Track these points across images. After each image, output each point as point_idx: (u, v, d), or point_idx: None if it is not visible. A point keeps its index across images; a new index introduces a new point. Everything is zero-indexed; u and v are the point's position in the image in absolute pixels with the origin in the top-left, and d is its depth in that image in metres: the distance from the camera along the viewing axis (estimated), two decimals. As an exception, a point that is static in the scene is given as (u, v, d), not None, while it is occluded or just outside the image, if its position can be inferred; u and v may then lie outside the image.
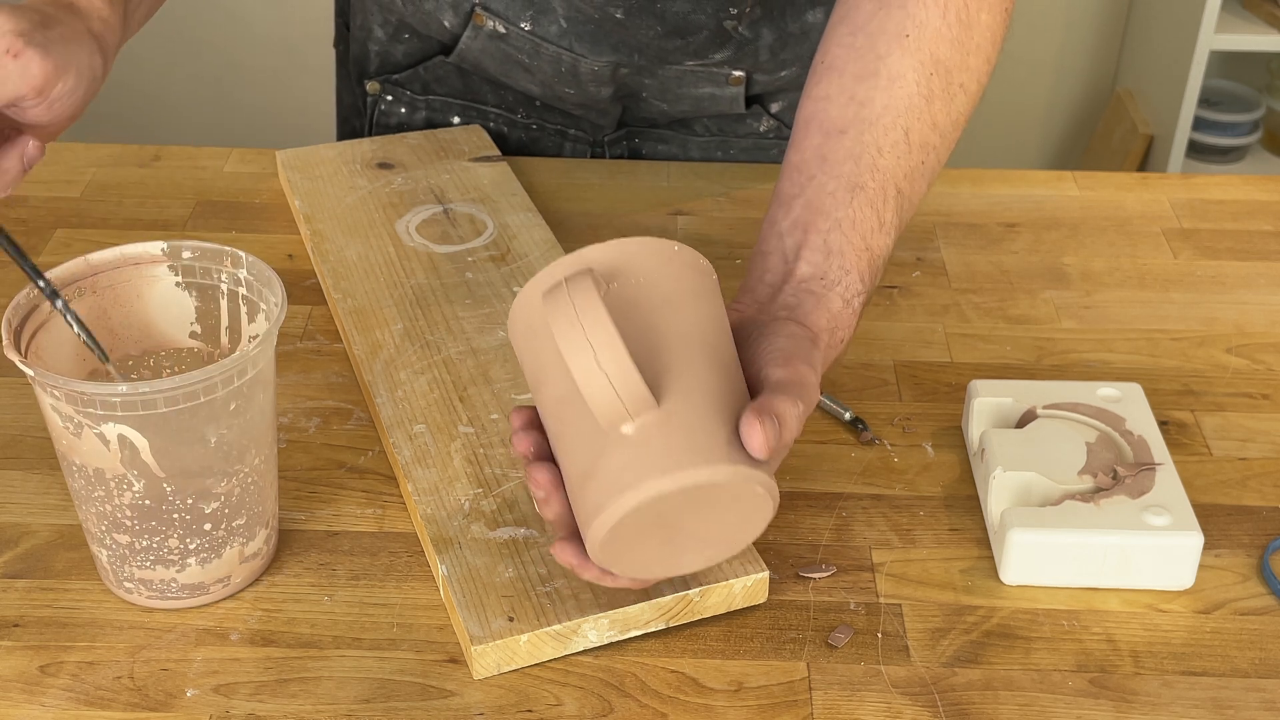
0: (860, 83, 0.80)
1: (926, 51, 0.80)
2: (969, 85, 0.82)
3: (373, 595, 0.75)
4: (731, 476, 0.62)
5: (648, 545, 0.65)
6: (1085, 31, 2.62)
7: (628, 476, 0.62)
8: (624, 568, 0.66)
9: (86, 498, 0.71)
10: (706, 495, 0.63)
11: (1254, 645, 0.73)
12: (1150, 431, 0.81)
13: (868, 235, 0.76)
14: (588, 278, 0.62)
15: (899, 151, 0.78)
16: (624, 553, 0.65)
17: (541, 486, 0.67)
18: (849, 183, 0.77)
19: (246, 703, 0.69)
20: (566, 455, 0.65)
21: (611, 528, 0.63)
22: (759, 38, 1.07)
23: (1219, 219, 1.09)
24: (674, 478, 0.61)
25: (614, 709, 0.69)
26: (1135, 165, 2.44)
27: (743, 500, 0.64)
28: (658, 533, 0.65)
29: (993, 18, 0.82)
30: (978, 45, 0.81)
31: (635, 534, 0.64)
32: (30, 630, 0.72)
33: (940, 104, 0.80)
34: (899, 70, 0.79)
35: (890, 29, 0.80)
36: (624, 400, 0.61)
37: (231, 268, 0.75)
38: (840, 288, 0.75)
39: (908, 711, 0.69)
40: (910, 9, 0.80)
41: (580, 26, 1.05)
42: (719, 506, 0.64)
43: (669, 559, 0.67)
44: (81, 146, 1.14)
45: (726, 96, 1.11)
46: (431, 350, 0.88)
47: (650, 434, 0.62)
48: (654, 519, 0.63)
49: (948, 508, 0.81)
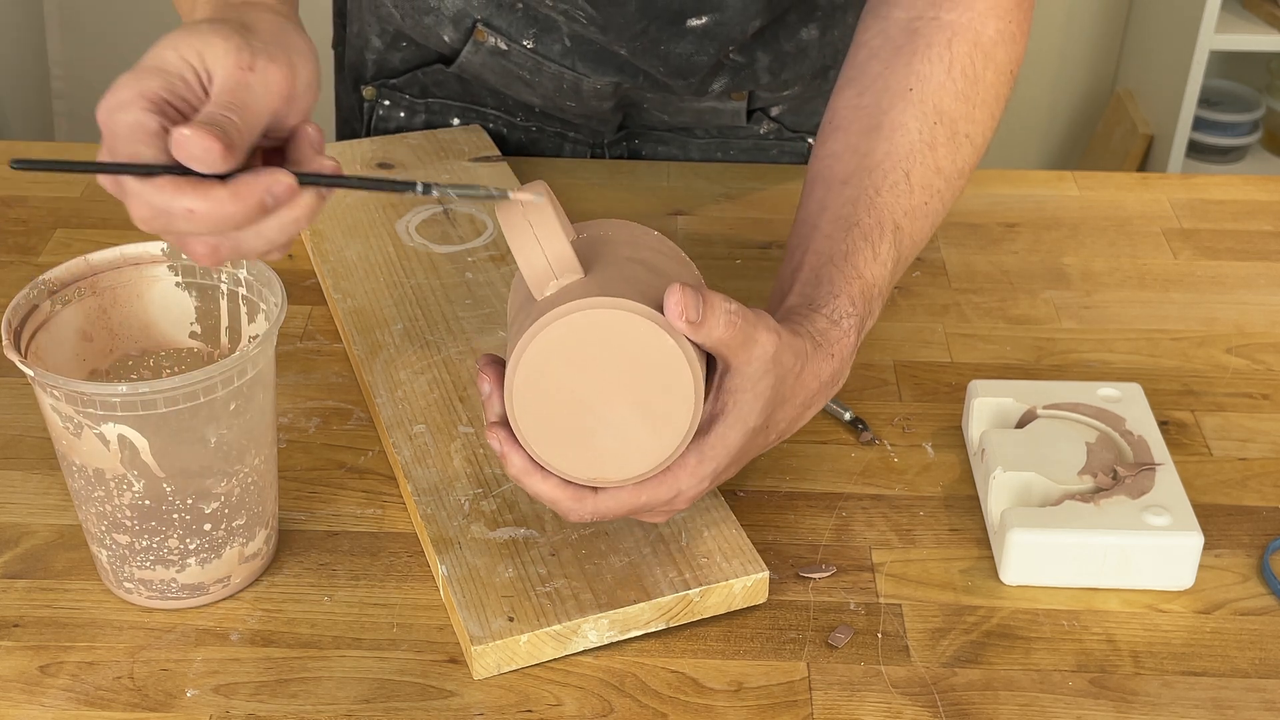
0: (864, 137, 0.81)
1: (930, 103, 0.81)
2: (974, 137, 0.83)
3: (373, 595, 0.75)
4: (636, 313, 0.65)
5: (567, 420, 0.66)
6: (1085, 31, 2.62)
7: (541, 318, 0.65)
8: (546, 442, 0.67)
9: (86, 498, 0.71)
10: (618, 353, 0.65)
11: (1254, 645, 0.73)
12: (1150, 431, 0.81)
13: (860, 265, 0.77)
14: (541, 185, 0.68)
15: (898, 191, 0.80)
16: (543, 419, 0.66)
17: (487, 380, 0.68)
18: (845, 223, 0.79)
19: (246, 703, 0.69)
20: (510, 341, 0.69)
21: (521, 368, 0.65)
22: (755, 61, 1.07)
23: (1219, 219, 1.09)
24: (578, 306, 0.64)
25: (614, 709, 0.69)
26: (1135, 165, 2.44)
27: (658, 366, 0.66)
28: (575, 405, 0.66)
29: (998, 78, 0.83)
30: (983, 100, 0.83)
31: (551, 394, 0.66)
32: (30, 630, 0.72)
33: (945, 151, 0.81)
34: (901, 120, 0.81)
35: (894, 85, 0.82)
36: (551, 263, 0.66)
37: (231, 268, 0.75)
38: (826, 309, 0.75)
39: (908, 711, 0.69)
40: (915, 65, 0.82)
41: (584, 47, 1.05)
42: (635, 374, 0.66)
43: (595, 446, 0.67)
44: (81, 146, 1.14)
45: (728, 110, 1.12)
46: (431, 350, 0.88)
47: (571, 288, 0.66)
48: (569, 382, 0.65)
49: (948, 508, 0.81)
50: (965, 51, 0.82)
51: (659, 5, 1.00)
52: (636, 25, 1.01)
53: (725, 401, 0.69)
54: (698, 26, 1.01)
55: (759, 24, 1.03)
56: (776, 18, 1.05)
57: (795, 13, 1.06)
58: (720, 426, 0.69)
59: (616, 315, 0.64)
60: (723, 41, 1.03)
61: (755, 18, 1.02)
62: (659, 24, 1.01)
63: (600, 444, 0.67)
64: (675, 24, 1.01)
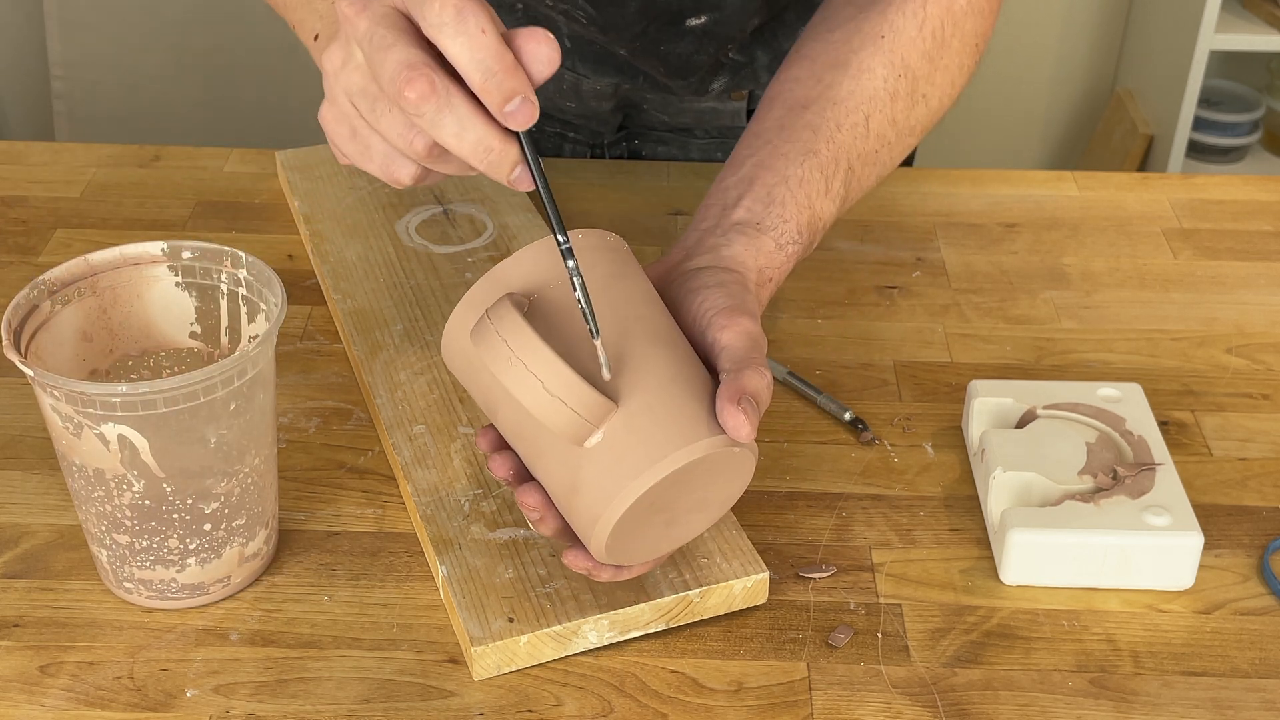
0: (830, 70, 0.81)
1: (898, 54, 0.82)
2: (931, 99, 0.84)
3: (373, 595, 0.75)
4: (709, 449, 0.63)
5: (649, 531, 0.66)
6: (1085, 31, 2.62)
7: (610, 483, 0.63)
8: (632, 557, 0.67)
9: (86, 498, 0.71)
10: (691, 471, 0.64)
11: (1254, 645, 0.73)
12: (1150, 431, 0.81)
13: (813, 195, 0.77)
14: (507, 303, 0.62)
15: (858, 133, 0.80)
16: (629, 545, 0.66)
17: (534, 509, 0.67)
18: (803, 147, 0.78)
19: (246, 703, 0.69)
20: (546, 474, 0.66)
21: (611, 533, 0.64)
22: (754, 60, 1.07)
23: (1219, 219, 1.09)
24: (655, 469, 0.62)
25: (614, 709, 0.69)
26: (1135, 165, 2.44)
27: (726, 464, 0.65)
28: (656, 518, 0.65)
29: (963, 47, 0.84)
30: (946, 66, 0.84)
31: (634, 528, 0.65)
32: (30, 630, 0.72)
33: (903, 104, 0.82)
34: (869, 65, 0.81)
35: (866, 29, 0.82)
36: (584, 416, 0.61)
37: (231, 268, 0.75)
38: (775, 232, 0.75)
39: (908, 711, 0.69)
40: (889, 15, 0.82)
41: (584, 47, 1.05)
42: (706, 476, 0.65)
43: (672, 534, 0.68)
44: (81, 146, 1.14)
45: (729, 110, 1.12)
46: (431, 350, 0.88)
47: (619, 436, 0.63)
48: (648, 509, 0.64)
49: (948, 508, 0.81)
50: (937, 14, 0.83)
51: (659, 5, 1.00)
52: (636, 26, 1.01)
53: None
54: (697, 26, 1.01)
55: (757, 22, 1.03)
56: (775, 16, 1.05)
57: (794, 11, 1.06)
58: None
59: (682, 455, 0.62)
60: (722, 40, 1.03)
61: (754, 16, 1.02)
62: (658, 24, 1.01)
63: (680, 529, 0.68)
64: (675, 24, 1.01)
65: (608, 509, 0.63)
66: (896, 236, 1.05)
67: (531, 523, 0.68)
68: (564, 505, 0.66)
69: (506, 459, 0.68)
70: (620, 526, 0.63)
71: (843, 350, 0.94)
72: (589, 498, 0.63)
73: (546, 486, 0.66)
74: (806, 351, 0.93)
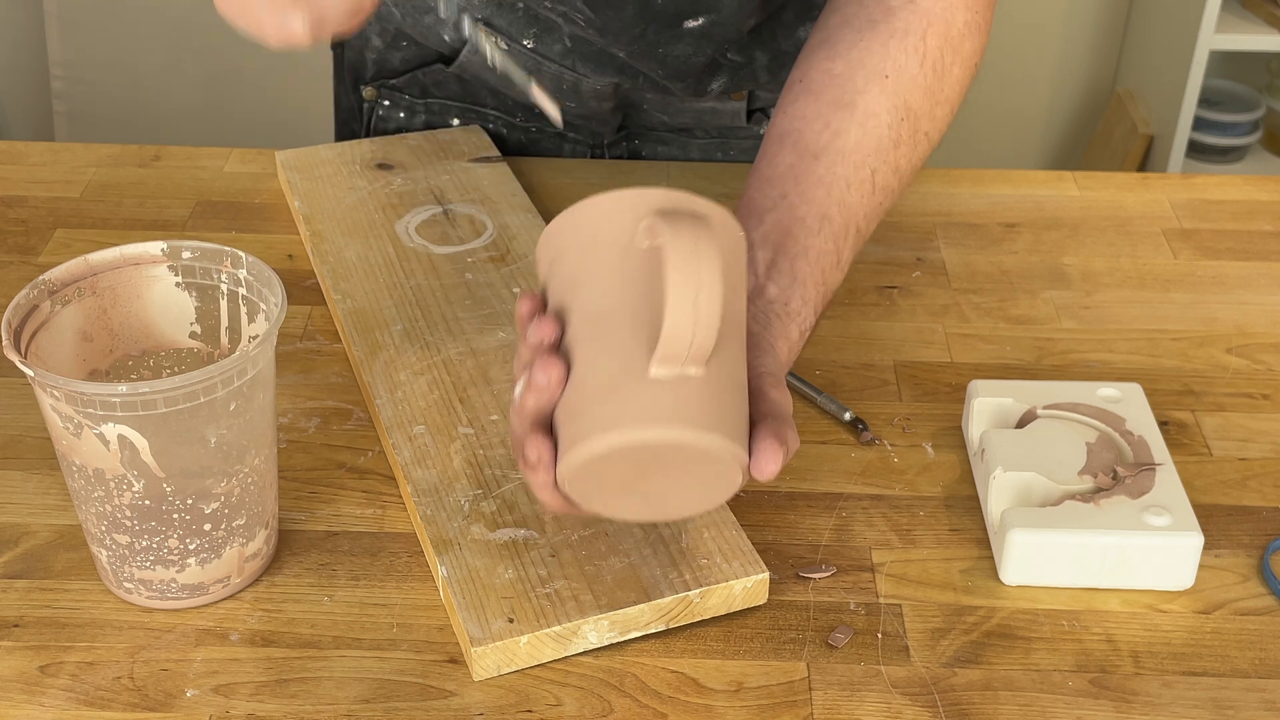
0: (836, 110, 0.81)
1: (901, 97, 0.82)
2: (932, 135, 0.85)
3: (373, 595, 0.75)
4: (736, 456, 0.64)
5: (617, 481, 0.66)
6: (1085, 31, 2.62)
7: (638, 411, 0.62)
8: (583, 496, 0.66)
9: (86, 498, 0.71)
10: (698, 460, 0.64)
11: (1254, 645, 0.73)
12: (1150, 431, 0.81)
13: (827, 270, 0.78)
14: (709, 225, 0.63)
15: (864, 191, 0.81)
16: (593, 484, 0.66)
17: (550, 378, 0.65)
18: (819, 211, 0.79)
19: (246, 703, 0.69)
20: (587, 363, 0.65)
21: (612, 448, 0.63)
22: (753, 61, 1.07)
23: (1219, 219, 1.09)
24: (678, 430, 0.63)
25: (614, 709, 0.69)
26: (1135, 165, 2.44)
27: (721, 477, 0.66)
28: (632, 475, 0.65)
29: (963, 72, 0.85)
30: (946, 97, 0.84)
31: (619, 466, 0.64)
32: (30, 630, 0.72)
33: (905, 150, 0.83)
34: (875, 109, 0.81)
35: (870, 65, 0.82)
36: (693, 347, 0.62)
37: (231, 268, 0.75)
38: (799, 319, 0.76)
39: (908, 711, 0.69)
40: (891, 50, 0.82)
41: (583, 47, 1.05)
42: (697, 473, 0.65)
43: (625, 504, 0.67)
44: (81, 146, 1.14)
45: (728, 111, 1.12)
46: (431, 351, 0.88)
47: (687, 386, 0.63)
48: (642, 460, 0.64)
49: (948, 508, 0.81)
50: (937, 45, 0.83)
51: (656, 8, 1.00)
52: (634, 28, 1.01)
53: None
54: (694, 28, 1.01)
55: (754, 22, 1.03)
56: (773, 15, 1.05)
57: (792, 11, 1.06)
58: None
59: (698, 447, 0.63)
60: (720, 42, 1.03)
61: (750, 16, 1.02)
62: (656, 26, 1.01)
63: (634, 505, 0.68)
64: (672, 26, 1.01)
65: (635, 428, 0.63)
66: (896, 236, 1.05)
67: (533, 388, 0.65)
68: (582, 397, 0.64)
69: (553, 325, 0.66)
70: (622, 452, 0.63)
71: (843, 350, 0.94)
72: (608, 410, 0.63)
73: (577, 372, 0.65)
74: (806, 351, 0.93)
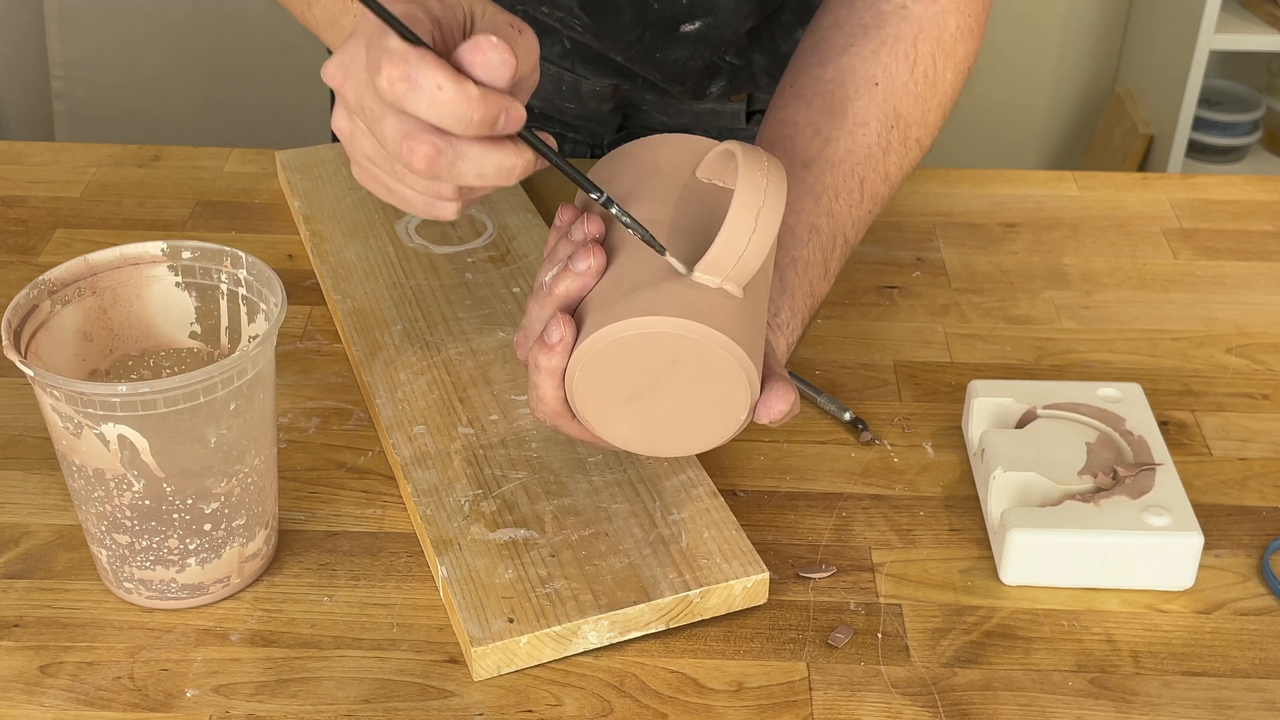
0: (826, 118, 0.82)
1: (891, 105, 0.82)
2: (924, 140, 0.85)
3: (373, 595, 0.75)
4: (751, 382, 0.66)
5: (626, 385, 0.67)
6: (1085, 31, 2.62)
7: (693, 309, 0.64)
8: (588, 388, 0.67)
9: (86, 498, 0.71)
10: (715, 376, 0.65)
11: (1254, 645, 0.73)
12: (1150, 431, 0.81)
13: (814, 281, 0.79)
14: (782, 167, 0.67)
15: (853, 200, 0.81)
16: (609, 370, 0.66)
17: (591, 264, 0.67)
18: (807, 222, 0.80)
19: (246, 703, 0.69)
20: (629, 260, 0.67)
21: (642, 332, 0.64)
22: (752, 63, 1.07)
23: (1219, 219, 1.09)
24: (725, 342, 0.64)
25: (614, 709, 0.69)
26: (1135, 165, 2.44)
27: (727, 409, 0.67)
28: (643, 382, 0.66)
29: (955, 76, 0.85)
30: (938, 103, 0.85)
31: (636, 363, 0.66)
32: (30, 630, 0.72)
33: (895, 157, 0.83)
34: (864, 117, 0.82)
35: (860, 72, 0.82)
36: (739, 264, 0.65)
37: (231, 268, 0.75)
38: (787, 332, 0.77)
39: (908, 711, 0.69)
40: (881, 57, 0.82)
41: (583, 50, 1.05)
42: (706, 396, 0.67)
43: (621, 420, 0.68)
44: (81, 146, 1.14)
45: (728, 112, 1.12)
46: (431, 351, 0.88)
47: (725, 300, 0.65)
48: (660, 364, 0.65)
49: (948, 508, 0.81)
50: (929, 50, 0.83)
51: (653, 13, 1.00)
52: (631, 33, 1.01)
53: None
54: (691, 32, 1.01)
55: (751, 24, 1.03)
56: (770, 17, 1.05)
57: (789, 13, 1.06)
58: None
59: (723, 358, 0.65)
60: (717, 45, 1.03)
61: (747, 19, 1.02)
62: (653, 31, 1.01)
63: (629, 419, 0.68)
64: (669, 30, 1.01)
65: (653, 313, 0.64)
66: (896, 236, 1.05)
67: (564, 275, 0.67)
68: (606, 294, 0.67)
69: (598, 221, 0.69)
70: (637, 344, 0.65)
71: (843, 350, 0.94)
72: (646, 297, 0.65)
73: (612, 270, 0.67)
74: (806, 351, 0.93)
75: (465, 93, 0.61)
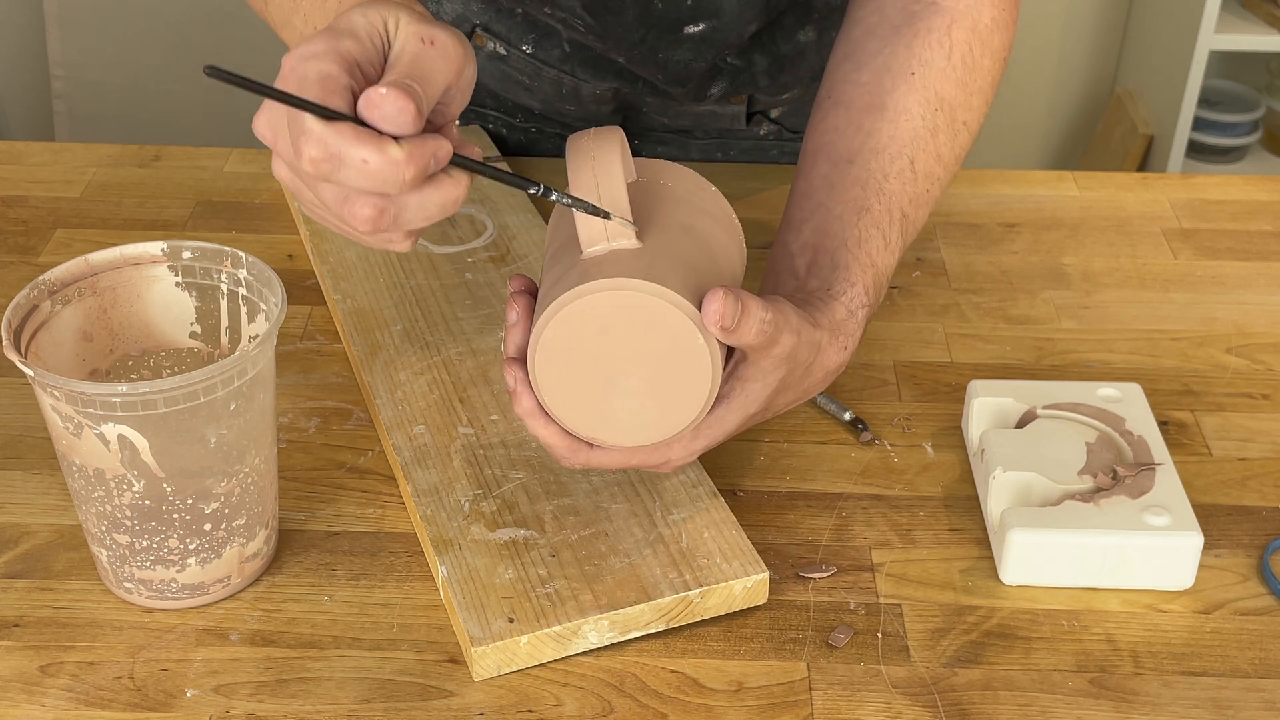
0: (867, 115, 0.82)
1: (932, 89, 0.82)
2: (971, 124, 0.85)
3: (373, 595, 0.75)
4: (679, 312, 0.65)
5: (587, 381, 0.68)
6: (1085, 31, 2.62)
7: (586, 280, 0.66)
8: (558, 397, 0.68)
9: (86, 498, 0.71)
10: (648, 336, 0.66)
11: (1254, 645, 0.73)
12: (1150, 431, 0.81)
13: (873, 253, 0.79)
14: (616, 132, 0.68)
15: (905, 178, 0.81)
16: (561, 373, 0.67)
17: (514, 314, 0.70)
18: (856, 206, 0.80)
19: (246, 703, 0.69)
20: (546, 282, 0.69)
21: (552, 323, 0.66)
22: (753, 65, 1.07)
23: (1219, 219, 1.09)
24: (621, 287, 0.65)
25: (614, 709, 0.69)
26: (1135, 165, 2.44)
27: (682, 357, 0.67)
28: (597, 371, 0.67)
29: (994, 63, 0.85)
30: (979, 87, 0.85)
31: (575, 354, 0.67)
32: (30, 630, 0.72)
33: (945, 138, 0.83)
34: (905, 105, 0.82)
35: (896, 67, 0.82)
36: (609, 220, 0.66)
37: (231, 268, 0.75)
38: (845, 298, 0.77)
39: (908, 711, 0.69)
40: (916, 49, 0.82)
41: (583, 52, 1.05)
42: (658, 358, 0.67)
43: (600, 410, 0.69)
44: (81, 146, 1.14)
45: (728, 114, 1.12)
46: (431, 351, 0.88)
47: (620, 255, 0.66)
48: (596, 339, 0.66)
49: (948, 508, 0.81)
50: (964, 39, 0.83)
51: (656, 14, 1.00)
52: (635, 34, 1.01)
53: (733, 387, 0.71)
54: (695, 33, 1.01)
55: (755, 27, 1.03)
56: (773, 20, 1.05)
57: (791, 15, 1.06)
58: (722, 409, 0.71)
59: (655, 303, 0.65)
60: (720, 47, 1.03)
61: (751, 22, 1.02)
62: (656, 32, 1.01)
63: (610, 409, 0.69)
64: (673, 32, 1.01)
65: (564, 305, 0.65)
66: (896, 236, 1.05)
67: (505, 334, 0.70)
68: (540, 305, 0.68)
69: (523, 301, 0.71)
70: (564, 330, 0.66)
71: (843, 350, 0.94)
72: (559, 290, 0.66)
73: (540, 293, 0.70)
74: (806, 351, 0.93)
75: (390, 158, 0.62)
